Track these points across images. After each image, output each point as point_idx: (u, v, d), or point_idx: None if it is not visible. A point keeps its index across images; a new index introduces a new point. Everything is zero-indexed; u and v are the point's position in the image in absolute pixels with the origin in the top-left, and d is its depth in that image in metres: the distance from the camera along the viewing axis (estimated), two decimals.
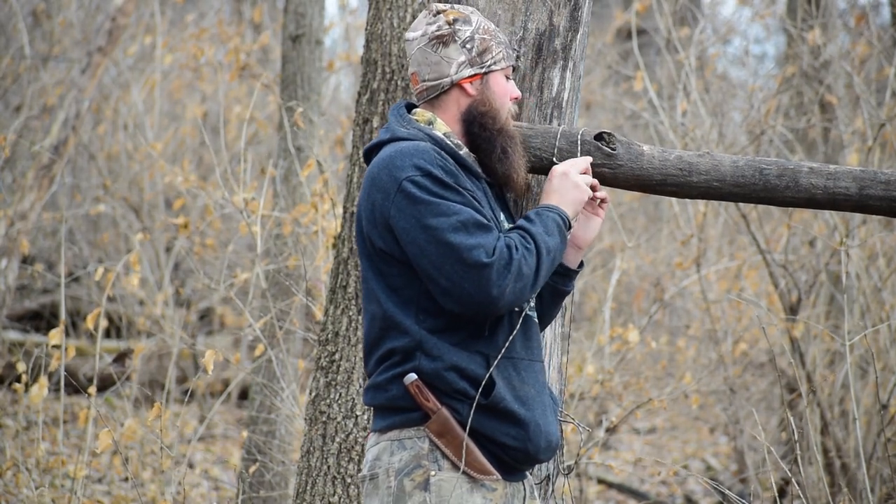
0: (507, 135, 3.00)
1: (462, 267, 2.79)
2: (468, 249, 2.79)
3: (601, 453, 8.70)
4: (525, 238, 2.88)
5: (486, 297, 2.80)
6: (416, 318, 2.87)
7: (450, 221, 2.81)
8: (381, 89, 4.51)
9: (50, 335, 5.21)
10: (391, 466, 2.88)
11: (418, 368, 2.86)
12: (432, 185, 2.84)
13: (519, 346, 2.94)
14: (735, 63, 10.68)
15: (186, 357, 9.22)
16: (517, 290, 2.83)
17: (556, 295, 3.11)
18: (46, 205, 9.45)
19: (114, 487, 6.77)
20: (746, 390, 8.27)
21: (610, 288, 7.14)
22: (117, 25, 7.67)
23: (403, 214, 2.84)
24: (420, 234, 2.82)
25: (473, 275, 2.79)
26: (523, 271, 2.83)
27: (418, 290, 2.88)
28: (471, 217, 2.83)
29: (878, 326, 6.24)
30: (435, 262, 2.81)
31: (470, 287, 2.79)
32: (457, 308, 2.82)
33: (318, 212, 5.66)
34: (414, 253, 2.83)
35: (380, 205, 2.87)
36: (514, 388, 2.90)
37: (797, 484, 4.77)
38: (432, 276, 2.82)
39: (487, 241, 2.81)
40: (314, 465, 4.45)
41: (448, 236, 2.80)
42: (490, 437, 2.88)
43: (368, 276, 2.93)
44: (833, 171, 3.13)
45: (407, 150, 2.89)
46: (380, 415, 2.93)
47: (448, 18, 3.00)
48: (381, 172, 2.88)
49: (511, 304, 2.84)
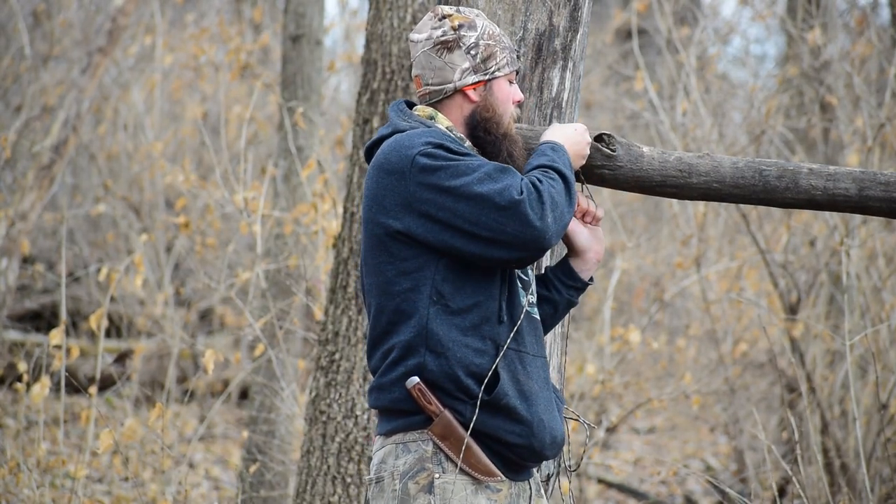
0: (510, 139, 3.01)
1: (498, 211, 2.80)
2: (498, 193, 2.81)
3: (601, 453, 8.70)
4: (546, 171, 2.90)
5: (532, 230, 2.81)
6: (429, 300, 2.87)
7: (473, 177, 2.83)
8: (381, 89, 4.51)
9: (51, 335, 5.21)
10: (396, 470, 2.89)
11: (423, 366, 2.86)
12: (446, 152, 2.86)
13: (527, 338, 2.95)
14: (735, 63, 10.68)
15: (186, 357, 9.22)
16: (556, 217, 2.85)
17: (569, 306, 3.16)
18: (47, 205, 9.46)
19: (114, 487, 6.77)
20: (746, 390, 8.27)
21: (610, 288, 7.15)
22: (117, 25, 7.67)
23: (424, 187, 2.84)
24: (447, 199, 2.83)
25: (511, 214, 2.80)
26: (556, 199, 2.86)
27: (434, 271, 2.87)
28: (493, 166, 2.85)
29: (878, 326, 6.24)
30: (469, 218, 2.82)
31: (513, 227, 2.81)
32: (509, 255, 2.83)
33: (318, 212, 5.66)
34: (446, 217, 2.83)
35: (395, 186, 2.86)
36: (519, 381, 2.90)
37: (797, 484, 4.77)
38: (472, 233, 2.82)
39: (514, 181, 2.83)
40: (314, 464, 4.45)
41: (476, 188, 2.82)
42: (494, 435, 2.89)
43: (380, 265, 2.90)
44: (833, 173, 3.13)
45: (413, 133, 2.91)
46: (384, 418, 2.94)
47: (453, 24, 3.00)
48: (389, 156, 2.89)
49: (558, 233, 2.86)
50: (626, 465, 9.00)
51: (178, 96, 10.42)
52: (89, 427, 5.58)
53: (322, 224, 5.67)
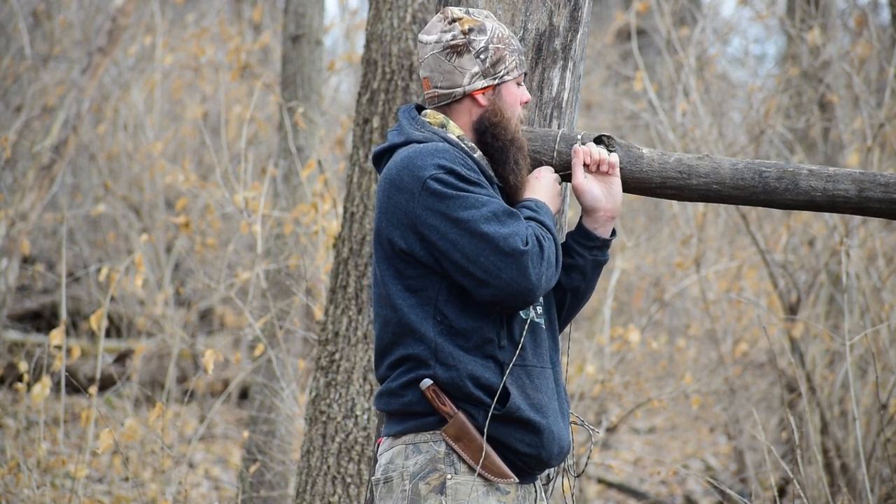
0: (517, 145, 3.01)
1: (499, 256, 2.81)
2: (504, 238, 2.82)
3: (601, 453, 8.70)
4: (542, 227, 2.91)
5: (527, 283, 2.82)
6: (433, 320, 2.88)
7: (481, 213, 2.83)
8: (381, 89, 4.51)
9: (51, 335, 5.22)
10: (406, 470, 2.89)
11: (434, 376, 2.87)
12: (457, 180, 2.86)
13: (530, 353, 2.95)
14: (735, 63, 10.68)
15: (186, 357, 9.22)
16: (549, 276, 2.87)
17: (596, 266, 3.10)
18: (47, 205, 9.46)
19: (114, 487, 6.77)
20: (746, 390, 8.27)
21: (610, 288, 7.15)
22: (117, 25, 7.67)
23: (431, 212, 2.85)
24: (451, 229, 2.84)
25: (512, 262, 2.81)
26: (551, 260, 2.88)
27: (437, 292, 2.89)
28: (500, 206, 2.85)
29: (878, 326, 6.24)
30: (469, 254, 2.83)
31: (509, 275, 2.81)
32: (495, 297, 2.83)
33: (318, 212, 5.67)
34: (445, 248, 2.84)
35: (404, 205, 2.87)
36: (529, 396, 2.92)
37: (797, 484, 4.77)
38: (467, 269, 2.83)
39: (520, 229, 2.84)
40: (314, 464, 4.45)
41: (482, 227, 2.82)
42: (505, 443, 2.90)
43: (386, 278, 2.92)
44: (832, 174, 3.13)
45: (426, 150, 2.90)
46: (394, 420, 2.94)
47: (464, 28, 2.99)
48: (401, 173, 2.89)
49: (545, 290, 2.87)
50: (626, 465, 9.01)
51: (178, 96, 10.42)
52: (89, 427, 5.58)
53: (322, 224, 5.68)
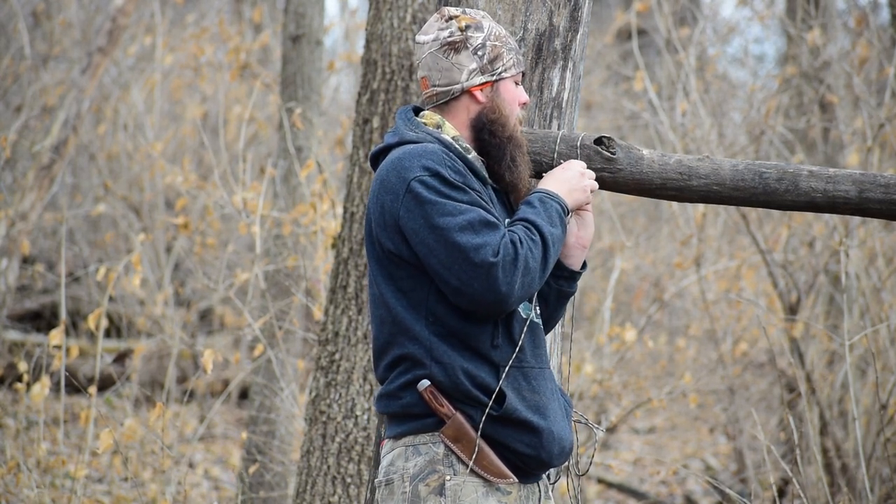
0: (515, 142, 3.01)
1: (469, 267, 2.81)
2: (474, 249, 2.81)
3: (601, 453, 8.70)
4: (530, 230, 2.88)
5: (496, 295, 2.81)
6: (425, 321, 2.88)
7: (457, 221, 2.83)
8: (381, 89, 4.51)
9: (50, 335, 5.22)
10: (406, 472, 2.89)
11: (431, 376, 2.87)
12: (440, 185, 2.85)
13: (528, 354, 2.95)
14: (735, 63, 10.68)
15: (186, 357, 9.22)
16: (525, 284, 2.84)
17: (560, 297, 3.10)
18: (47, 205, 9.46)
19: (114, 487, 6.77)
20: (746, 390, 8.27)
21: (609, 288, 7.15)
22: (117, 25, 7.67)
23: (412, 215, 2.85)
24: (429, 235, 2.84)
25: (481, 274, 2.80)
26: (530, 265, 2.85)
27: (427, 293, 2.89)
28: (478, 216, 2.84)
29: (878, 326, 6.25)
30: (444, 261, 2.83)
31: (479, 286, 2.81)
32: (469, 307, 2.84)
33: (317, 212, 5.67)
34: (424, 253, 2.84)
35: (389, 206, 2.88)
36: (525, 398, 2.91)
37: (797, 484, 4.77)
38: (442, 276, 2.83)
39: (493, 240, 2.82)
40: (314, 465, 4.45)
41: (455, 236, 2.82)
42: (504, 443, 2.90)
43: (378, 279, 2.93)
44: (833, 175, 3.13)
45: (415, 151, 2.90)
46: (394, 422, 2.94)
47: (460, 25, 3.00)
48: (389, 174, 2.89)
49: (521, 299, 2.86)
50: (626, 465, 9.01)
51: (178, 96, 10.42)
52: (89, 427, 5.58)
53: (321, 224, 5.68)
